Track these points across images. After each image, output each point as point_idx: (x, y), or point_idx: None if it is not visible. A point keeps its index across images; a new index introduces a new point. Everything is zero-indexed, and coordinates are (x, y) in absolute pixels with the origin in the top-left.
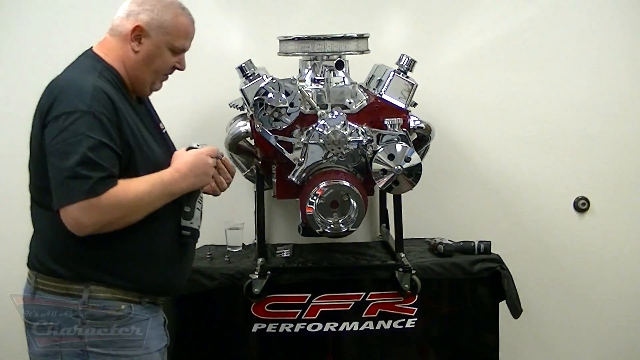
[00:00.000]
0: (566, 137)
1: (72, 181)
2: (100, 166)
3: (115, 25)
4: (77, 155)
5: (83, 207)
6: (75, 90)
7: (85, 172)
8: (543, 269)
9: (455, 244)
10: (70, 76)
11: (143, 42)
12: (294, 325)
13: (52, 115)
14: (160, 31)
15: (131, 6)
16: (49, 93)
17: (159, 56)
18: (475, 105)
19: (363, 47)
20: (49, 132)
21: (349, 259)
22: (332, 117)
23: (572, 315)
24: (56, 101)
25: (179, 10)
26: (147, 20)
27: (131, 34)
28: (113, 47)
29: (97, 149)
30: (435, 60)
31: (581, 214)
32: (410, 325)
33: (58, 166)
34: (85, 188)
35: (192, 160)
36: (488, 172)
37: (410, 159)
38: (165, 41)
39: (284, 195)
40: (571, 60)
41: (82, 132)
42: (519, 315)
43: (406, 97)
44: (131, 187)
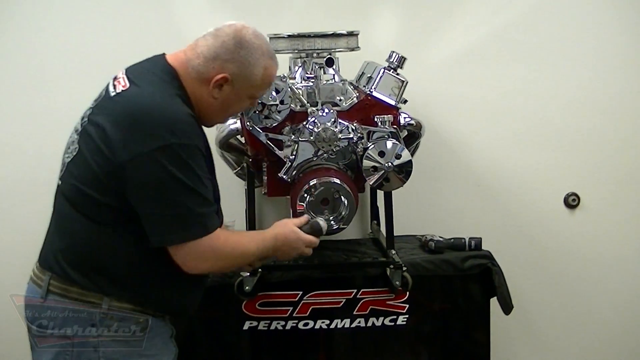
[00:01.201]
0: (557, 134)
1: (185, 218)
2: (208, 201)
3: (198, 63)
4: (188, 191)
5: (198, 245)
6: (168, 119)
7: (199, 210)
8: (534, 265)
9: (446, 241)
10: (156, 100)
11: (224, 89)
12: (286, 322)
13: (147, 144)
14: (246, 84)
15: (221, 49)
16: (130, 111)
17: (237, 103)
18: (465, 102)
19: (353, 45)
20: (144, 164)
21: (340, 256)
22: (323, 114)
23: (563, 310)
24: (146, 127)
25: (268, 62)
26: (236, 72)
27: (215, 82)
28: (190, 80)
29: (203, 184)
30: (425, 57)
31: (572, 209)
32: (402, 322)
33: (166, 202)
34: (200, 225)
35: (291, 240)
36: (479, 168)
37: (401, 155)
38: (248, 92)
39: (274, 193)
40: (561, 57)
41: (190, 167)
42: (510, 311)
43: (396, 94)
44: (238, 238)
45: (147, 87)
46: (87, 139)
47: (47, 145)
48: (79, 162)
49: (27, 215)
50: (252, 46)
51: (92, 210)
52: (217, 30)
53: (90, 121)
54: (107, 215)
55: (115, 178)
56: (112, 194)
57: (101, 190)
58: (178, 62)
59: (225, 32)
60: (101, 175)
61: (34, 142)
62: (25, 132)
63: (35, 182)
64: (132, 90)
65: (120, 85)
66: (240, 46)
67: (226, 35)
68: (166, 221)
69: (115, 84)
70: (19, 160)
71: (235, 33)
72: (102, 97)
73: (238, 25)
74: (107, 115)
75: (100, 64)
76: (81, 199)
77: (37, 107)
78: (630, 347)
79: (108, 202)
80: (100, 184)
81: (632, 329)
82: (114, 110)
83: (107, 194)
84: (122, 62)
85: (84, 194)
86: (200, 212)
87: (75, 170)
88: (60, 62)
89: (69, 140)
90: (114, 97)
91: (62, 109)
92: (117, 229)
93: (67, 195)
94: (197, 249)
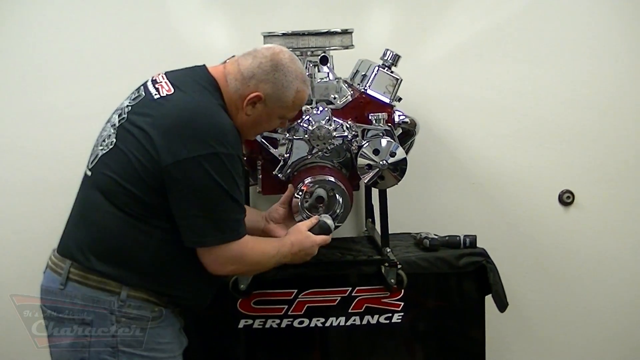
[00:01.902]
0: (551, 131)
1: (221, 223)
2: (242, 208)
3: (236, 79)
4: (227, 198)
5: (228, 248)
6: (217, 128)
7: (235, 216)
8: (529, 262)
9: (441, 239)
10: (204, 108)
11: (257, 107)
12: (281, 321)
13: (194, 149)
14: (278, 104)
15: (258, 69)
16: (178, 116)
17: (268, 122)
18: (460, 100)
19: (347, 43)
20: (190, 168)
21: (334, 254)
22: (317, 112)
23: (558, 308)
24: (194, 133)
25: (301, 86)
26: (269, 92)
27: (248, 100)
28: (228, 95)
29: (240, 192)
30: (420, 54)
31: (566, 207)
32: (397, 320)
33: (207, 206)
34: (234, 231)
35: (306, 245)
36: (473, 166)
37: (395, 153)
38: (280, 113)
39: (269, 191)
40: (556, 55)
41: (231, 175)
42: (505, 309)
43: (391, 92)
44: (263, 245)
45: (193, 94)
46: (128, 137)
47: (46, 144)
48: (117, 157)
49: (27, 214)
50: (287, 69)
51: (128, 204)
52: (255, 51)
53: (131, 121)
54: (143, 210)
55: (158, 179)
56: (153, 192)
57: (142, 187)
58: (219, 75)
59: (263, 54)
60: (144, 174)
61: (32, 141)
62: (23, 131)
63: (35, 182)
64: (178, 95)
65: (165, 89)
66: (276, 68)
67: (264, 57)
68: (204, 224)
69: (158, 87)
70: (14, 160)
71: (273, 56)
72: (142, 97)
73: (276, 48)
74: (153, 118)
75: (97, 62)
76: (118, 192)
77: (34, 105)
78: (625, 344)
79: (147, 199)
80: (141, 182)
81: (629, 327)
82: (161, 113)
83: (148, 191)
84: (117, 58)
85: (123, 187)
86: (235, 218)
87: (112, 164)
88: (56, 60)
89: (103, 132)
90: (158, 99)
91: (59, 107)
92: (151, 224)
93: (101, 186)
94: (227, 253)
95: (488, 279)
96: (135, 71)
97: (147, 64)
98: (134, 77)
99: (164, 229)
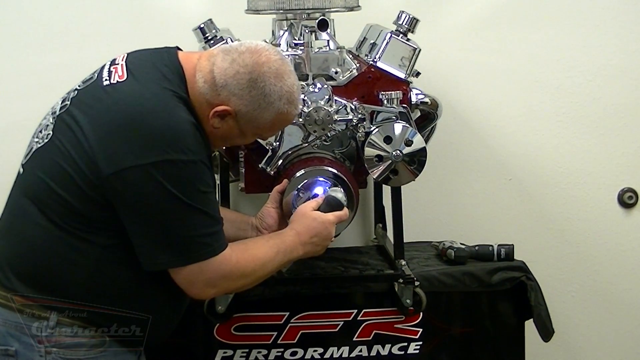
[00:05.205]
0: (608, 113)
1: (184, 241)
2: (214, 219)
3: (204, 80)
4: (191, 211)
5: (205, 266)
6: (172, 129)
7: (204, 230)
8: (580, 279)
9: (469, 249)
10: (155, 104)
11: (227, 122)
12: (268, 351)
13: (140, 156)
14: (252, 124)
15: (232, 79)
16: (120, 112)
17: (240, 138)
18: (492, 74)
19: (352, 3)
20: (135, 180)
21: (336, 268)
22: (314, 90)
23: (616, 336)
24: (139, 135)
25: (284, 108)
26: (242, 110)
27: (215, 112)
28: (196, 92)
29: (209, 200)
30: (443, 18)
31: (628, 209)
32: (414, 350)
33: (164, 224)
34: (206, 246)
35: (317, 228)
36: (509, 158)
37: (412, 142)
38: (254, 132)
39: (253, 189)
40: (606, 15)
41: (192, 185)
42: (550, 338)
43: (407, 65)
44: (253, 252)
45: (147, 84)
46: (67, 132)
47: None
48: (51, 154)
49: None
50: (269, 88)
51: (60, 215)
52: (238, 52)
53: (70, 111)
54: (78, 224)
55: (98, 189)
56: (91, 202)
57: (78, 195)
58: (189, 65)
59: (244, 61)
60: (80, 180)
61: None
62: None
63: None
64: (129, 84)
65: (117, 75)
66: (254, 85)
67: (244, 65)
68: (157, 244)
69: (112, 70)
70: None
71: (254, 67)
72: (92, 81)
73: (262, 55)
74: (94, 111)
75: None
76: (49, 198)
77: None
78: None
79: (83, 210)
80: (77, 189)
81: None
82: (105, 106)
83: (85, 201)
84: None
85: (55, 193)
86: (204, 232)
87: (45, 163)
88: None
89: (42, 121)
90: (107, 87)
91: None
92: (87, 241)
93: (29, 190)
94: (203, 274)
95: (529, 299)
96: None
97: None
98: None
99: (105, 246)
